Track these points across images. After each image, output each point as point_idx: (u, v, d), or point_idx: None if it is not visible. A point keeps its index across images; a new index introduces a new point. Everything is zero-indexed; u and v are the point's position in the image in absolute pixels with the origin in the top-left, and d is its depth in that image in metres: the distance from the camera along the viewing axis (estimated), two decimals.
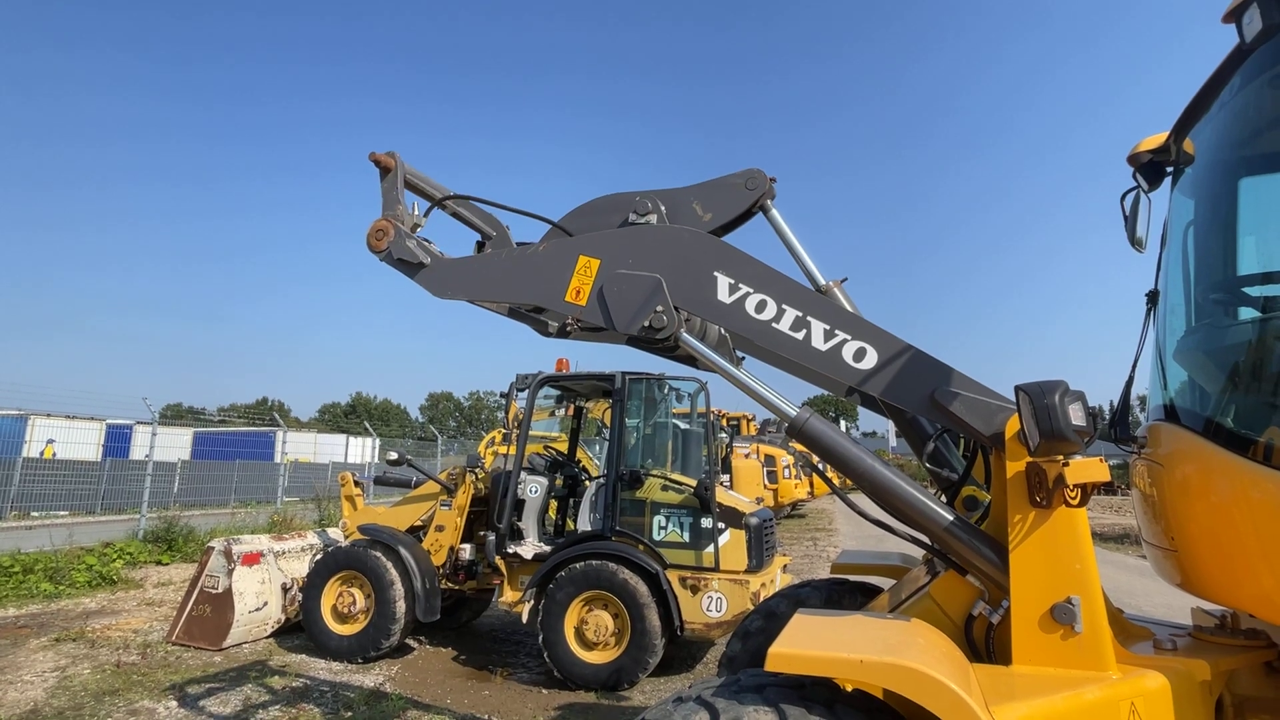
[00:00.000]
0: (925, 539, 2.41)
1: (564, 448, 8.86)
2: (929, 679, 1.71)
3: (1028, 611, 2.07)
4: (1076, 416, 1.86)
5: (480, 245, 3.29)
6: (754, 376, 2.56)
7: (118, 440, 25.79)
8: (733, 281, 2.49)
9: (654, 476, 7.05)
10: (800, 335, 2.43)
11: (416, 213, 3.02)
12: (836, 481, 3.03)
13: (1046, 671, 2.03)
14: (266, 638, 7.67)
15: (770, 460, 19.77)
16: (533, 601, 6.55)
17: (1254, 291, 2.55)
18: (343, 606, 7.11)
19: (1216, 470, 2.22)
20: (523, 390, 7.87)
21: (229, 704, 5.73)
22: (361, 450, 30.66)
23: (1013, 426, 2.18)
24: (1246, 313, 2.55)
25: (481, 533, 7.47)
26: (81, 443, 22.35)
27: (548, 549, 7.03)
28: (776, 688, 1.98)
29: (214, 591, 7.33)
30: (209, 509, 19.31)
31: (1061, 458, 2.02)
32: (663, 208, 2.77)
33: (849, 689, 2.04)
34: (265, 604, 7.60)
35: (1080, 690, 1.92)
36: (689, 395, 8.43)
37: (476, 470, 7.83)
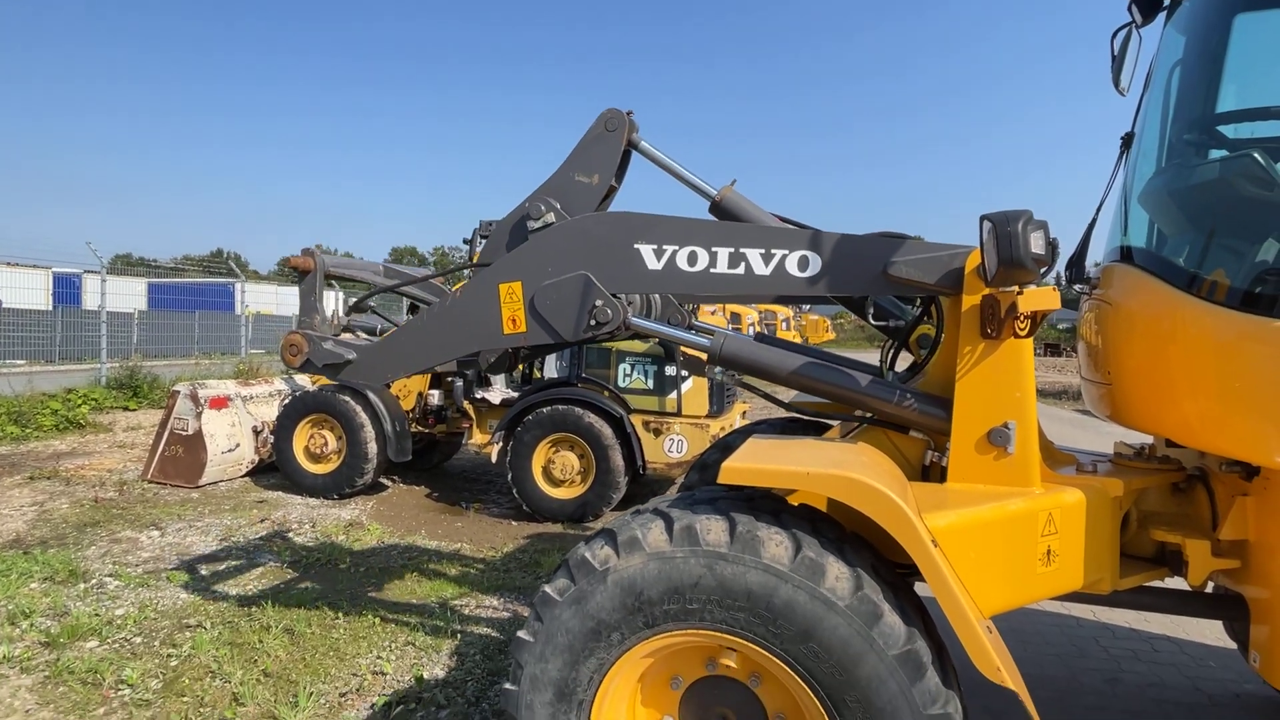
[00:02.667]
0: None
1: None
2: (868, 488, 1.84)
3: (966, 435, 2.20)
4: (1037, 245, 1.88)
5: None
6: (662, 324, 2.67)
7: (66, 288, 24.90)
8: (655, 247, 2.45)
9: None
10: (740, 270, 2.41)
11: (339, 310, 3.01)
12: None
13: (976, 487, 2.19)
14: (242, 477, 7.91)
15: (735, 318, 20.08)
16: (501, 443, 6.79)
17: (1228, 131, 2.52)
18: (314, 448, 7.29)
19: (1160, 307, 2.30)
20: (485, 237, 7.67)
21: (211, 533, 5.99)
22: (329, 305, 30.23)
23: (972, 262, 2.20)
24: (1216, 153, 2.53)
25: (450, 379, 7.57)
26: (29, 288, 21.50)
27: (515, 395, 7.19)
28: (728, 500, 2.12)
29: (184, 433, 7.43)
30: (172, 359, 19.15)
31: (1016, 287, 2.06)
32: (554, 201, 2.64)
33: (795, 505, 2.19)
34: (237, 445, 7.76)
35: (1005, 502, 2.10)
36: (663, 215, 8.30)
37: None
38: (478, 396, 7.19)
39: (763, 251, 2.38)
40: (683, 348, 2.52)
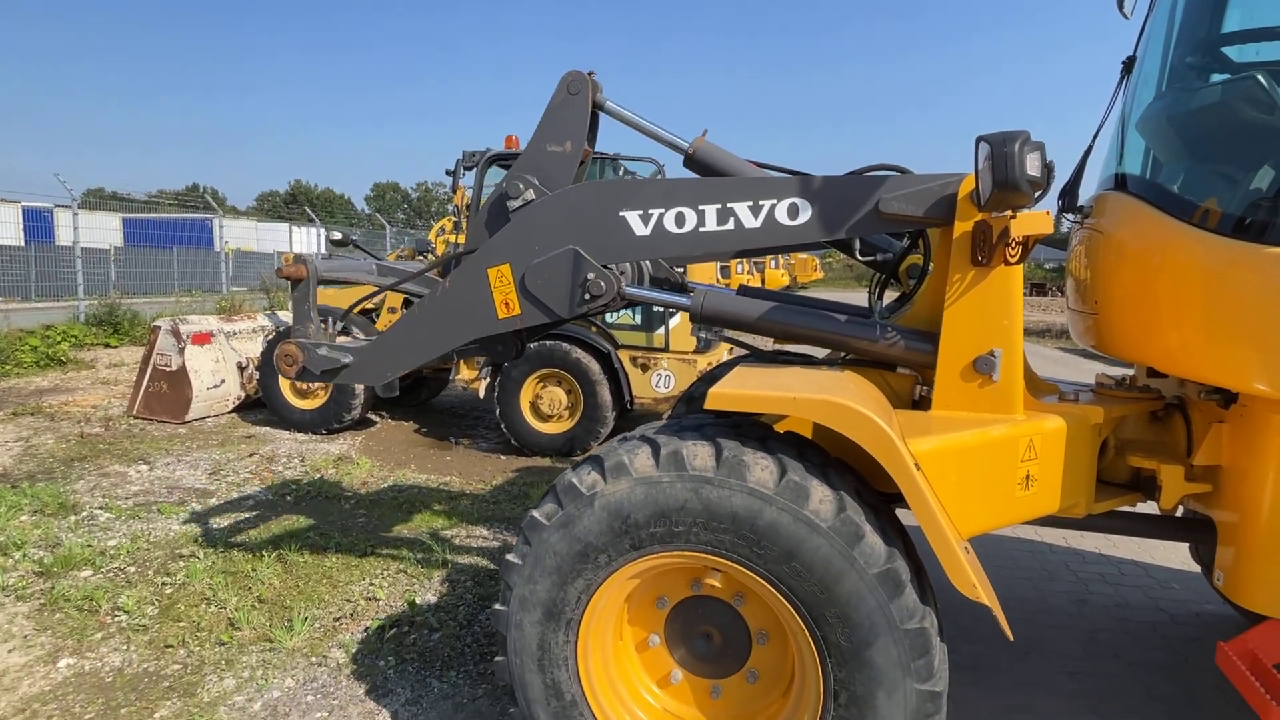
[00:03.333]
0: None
1: None
2: (854, 412, 1.85)
3: (952, 363, 2.21)
4: (1033, 167, 1.84)
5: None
6: (653, 290, 2.67)
7: (38, 223, 24.16)
8: (640, 212, 2.40)
9: None
10: (730, 225, 2.36)
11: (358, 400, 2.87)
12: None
13: (960, 414, 2.22)
14: (229, 413, 7.89)
15: (725, 270, 19.92)
16: (489, 379, 6.79)
17: (1232, 53, 2.45)
18: (301, 384, 7.26)
19: (1151, 235, 2.28)
20: (470, 169, 7.48)
21: (200, 467, 6.01)
22: (306, 240, 29.58)
23: (965, 188, 2.16)
24: (1218, 77, 2.47)
25: None
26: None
27: None
28: (714, 426, 2.13)
29: (168, 369, 7.37)
30: (152, 296, 18.80)
31: (1010, 212, 2.03)
32: (531, 178, 2.56)
33: (782, 433, 2.21)
34: (223, 381, 7.71)
35: (987, 428, 2.13)
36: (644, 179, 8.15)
37: (427, 254, 7.68)
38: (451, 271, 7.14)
39: (750, 204, 2.33)
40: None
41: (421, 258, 7.58)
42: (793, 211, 2.30)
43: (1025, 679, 3.13)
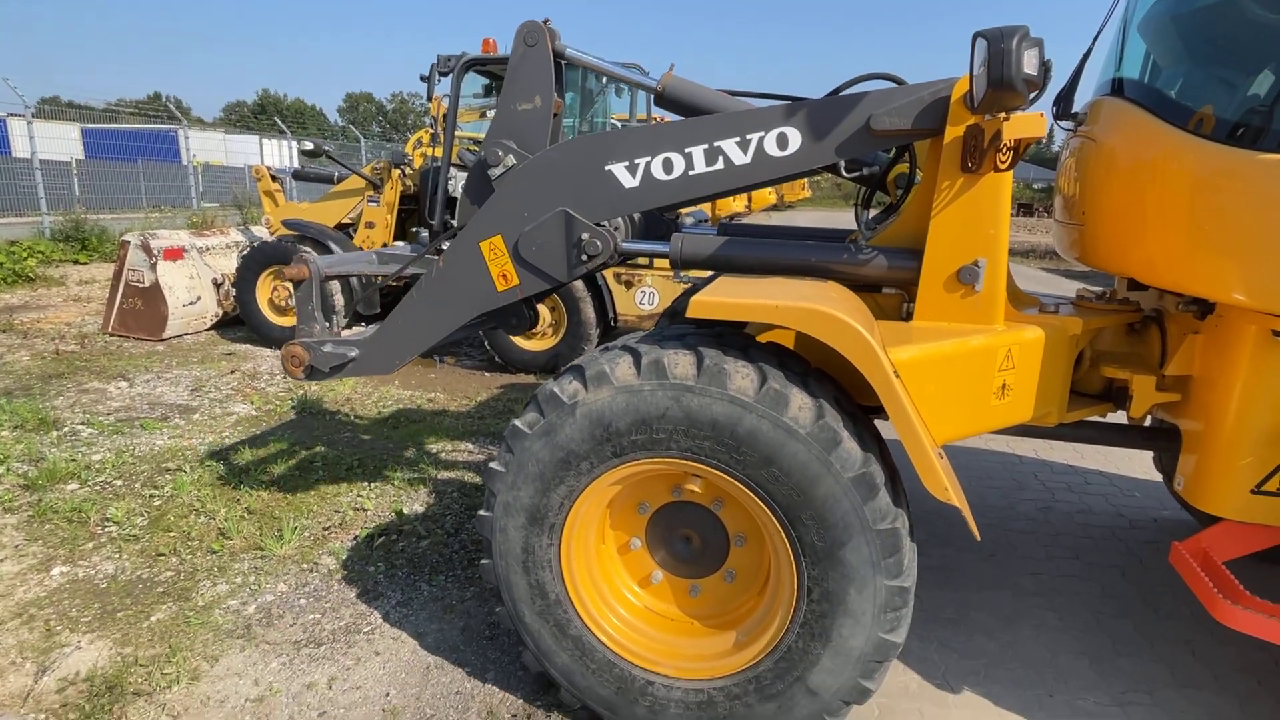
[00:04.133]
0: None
1: None
2: (836, 320, 1.85)
3: (936, 272, 2.20)
4: (1030, 64, 1.77)
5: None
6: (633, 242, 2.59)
7: None
8: (627, 163, 2.31)
9: None
10: (720, 165, 2.27)
11: (337, 316, 2.87)
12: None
13: (941, 325, 2.23)
14: (207, 330, 7.79)
15: None
16: (445, 244, 6.70)
17: None
18: (279, 300, 7.15)
19: (1144, 141, 2.24)
20: (445, 74, 7.11)
21: (180, 384, 5.98)
22: (278, 154, 28.40)
23: (958, 90, 2.08)
24: None
25: (415, 230, 7.33)
26: None
27: None
28: (696, 336, 2.12)
29: (141, 285, 7.20)
30: (119, 212, 18.16)
31: (1003, 114, 1.97)
32: (508, 142, 2.45)
33: (763, 343, 2.21)
34: (199, 298, 7.56)
35: (967, 338, 2.14)
36: (629, 93, 7.86)
37: (404, 167, 7.42)
38: (445, 249, 6.99)
39: (738, 139, 2.25)
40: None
41: (399, 170, 7.32)
42: (782, 141, 2.23)
43: (989, 580, 3.29)
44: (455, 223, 2.67)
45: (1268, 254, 1.96)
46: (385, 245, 7.41)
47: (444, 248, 2.66)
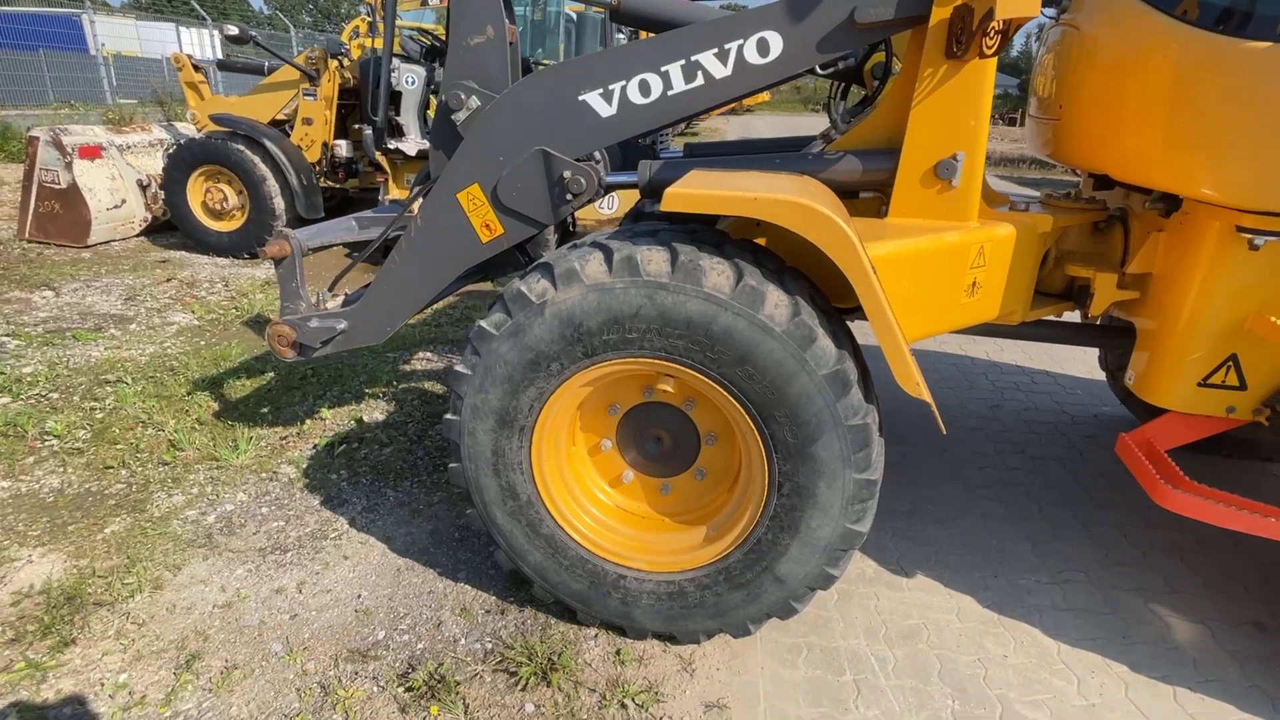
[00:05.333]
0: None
1: (444, 34, 7.78)
2: (818, 214, 1.79)
3: (914, 166, 2.14)
4: None
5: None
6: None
7: None
8: (601, 90, 2.13)
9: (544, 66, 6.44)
10: (700, 81, 2.09)
11: (320, 292, 2.75)
12: None
13: (914, 221, 2.19)
14: (136, 236, 7.30)
15: None
16: (422, 199, 6.39)
17: None
18: (213, 203, 6.70)
19: (1130, 28, 2.16)
20: None
21: (113, 293, 5.63)
22: (199, 42, 25.96)
23: None
24: None
25: (357, 126, 6.87)
26: None
27: None
28: (669, 232, 2.05)
29: (56, 187, 6.63)
30: (24, 107, 16.53)
31: None
32: (468, 83, 2.25)
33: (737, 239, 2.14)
34: (124, 202, 7.03)
35: (942, 234, 2.11)
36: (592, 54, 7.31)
37: (341, 58, 6.85)
38: (391, 147, 6.58)
39: (716, 51, 2.07)
40: None
41: (336, 61, 6.76)
42: (763, 47, 2.07)
43: (941, 474, 3.44)
44: (395, 121, 2.48)
45: (1241, 147, 1.95)
46: (326, 144, 6.96)
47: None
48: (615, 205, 6.37)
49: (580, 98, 2.18)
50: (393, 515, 2.99)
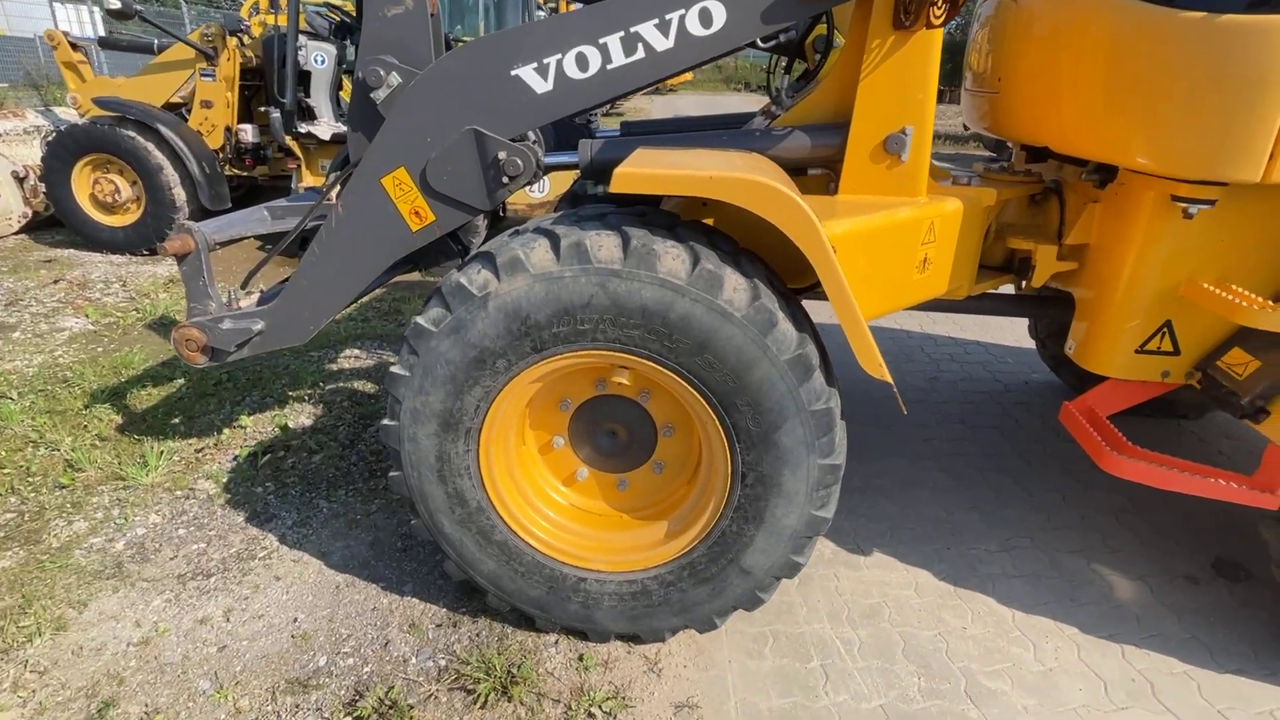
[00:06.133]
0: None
1: (354, 9, 7.32)
2: (777, 192, 1.71)
3: (863, 142, 2.09)
4: None
5: None
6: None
7: None
8: (535, 64, 1.98)
9: (464, 42, 6.15)
10: (640, 54, 1.97)
11: (232, 290, 2.51)
12: None
13: (866, 198, 2.15)
14: (15, 234, 6.62)
15: None
16: (340, 186, 6.02)
17: None
18: (103, 195, 6.12)
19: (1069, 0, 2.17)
20: None
21: None
22: (76, 19, 23.86)
23: None
24: None
25: (263, 109, 6.40)
26: None
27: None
28: (618, 215, 1.93)
29: None
30: None
31: None
32: (388, 58, 2.06)
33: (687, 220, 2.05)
34: None
35: (895, 211, 2.07)
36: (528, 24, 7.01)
37: (240, 35, 6.35)
38: (303, 131, 6.16)
39: (656, 21, 1.94)
40: None
41: (236, 39, 6.25)
42: (705, 18, 1.96)
43: (888, 448, 3.47)
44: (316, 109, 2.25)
45: (1176, 117, 1.98)
46: (229, 128, 6.46)
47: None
48: (547, 188, 6.17)
49: (513, 73, 2.02)
50: (327, 528, 2.78)
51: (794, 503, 1.94)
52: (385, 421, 2.05)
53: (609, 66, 2.01)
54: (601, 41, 1.99)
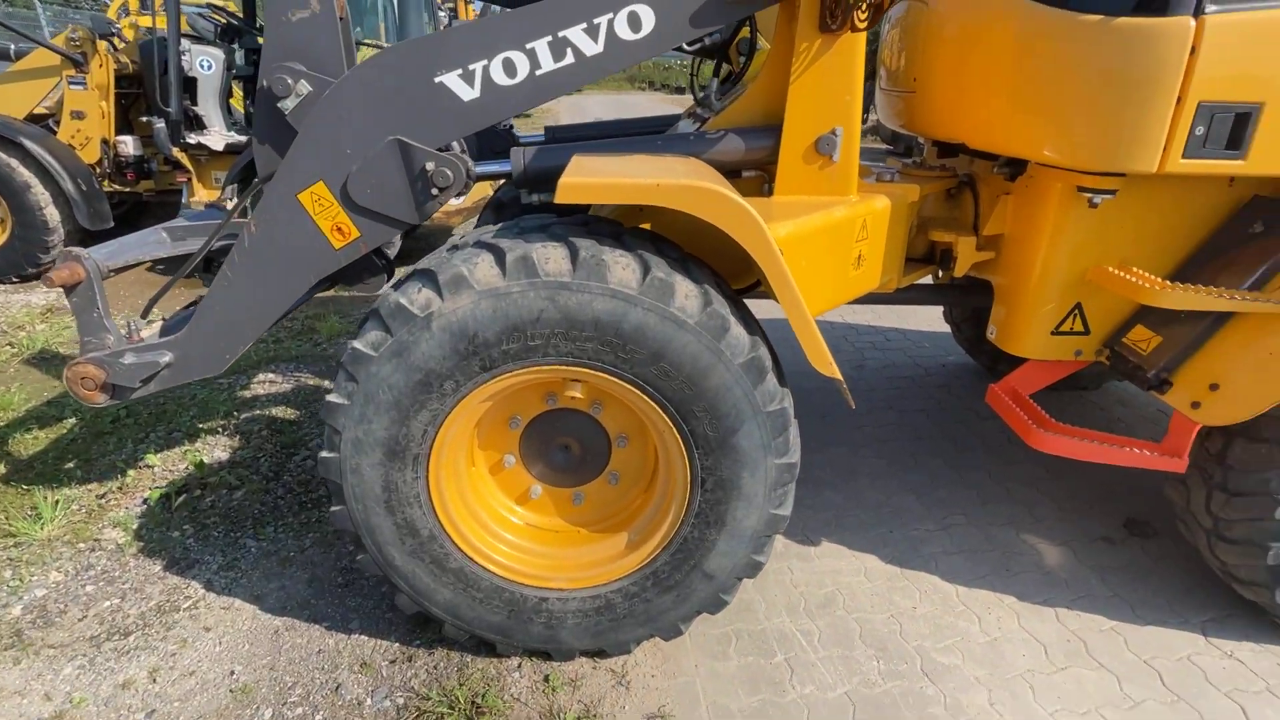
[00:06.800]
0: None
1: (241, 10, 6.88)
2: (724, 198, 1.71)
3: (795, 144, 2.13)
4: None
5: None
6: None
7: None
8: (460, 71, 1.91)
9: (367, 46, 5.91)
10: (569, 59, 1.93)
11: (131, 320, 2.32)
12: None
13: (801, 198, 2.19)
14: None
15: None
16: (235, 199, 5.65)
17: None
18: None
19: (978, 2, 2.27)
20: None
21: None
22: None
23: None
24: None
25: (144, 119, 5.92)
26: None
27: (244, 139, 5.86)
28: (562, 226, 1.88)
29: None
30: None
31: None
32: (295, 65, 1.95)
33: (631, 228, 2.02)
34: None
35: (830, 210, 2.12)
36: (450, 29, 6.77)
37: (111, 38, 5.85)
38: (192, 142, 5.74)
39: (585, 26, 1.91)
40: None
41: (107, 43, 5.75)
42: (634, 21, 1.94)
43: (827, 439, 3.57)
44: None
45: (1079, 113, 2.11)
46: (105, 140, 5.94)
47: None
48: (464, 195, 5.99)
49: (437, 80, 1.94)
50: (258, 569, 2.60)
51: (753, 504, 1.96)
52: (324, 454, 1.93)
53: (538, 72, 1.96)
54: (529, 46, 1.93)
